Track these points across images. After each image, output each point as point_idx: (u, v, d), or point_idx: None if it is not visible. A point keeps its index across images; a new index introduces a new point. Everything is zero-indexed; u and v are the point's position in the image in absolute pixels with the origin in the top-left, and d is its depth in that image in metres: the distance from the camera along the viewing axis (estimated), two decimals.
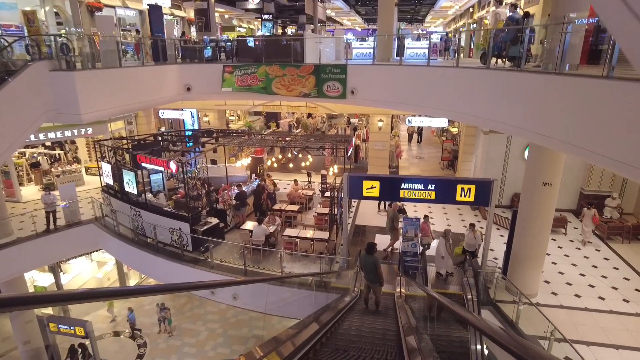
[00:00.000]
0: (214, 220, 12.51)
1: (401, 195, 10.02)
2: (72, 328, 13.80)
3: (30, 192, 17.37)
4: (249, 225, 12.50)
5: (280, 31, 30.59)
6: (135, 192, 12.85)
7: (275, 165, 18.61)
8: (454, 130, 24.83)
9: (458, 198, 9.92)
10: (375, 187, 10.07)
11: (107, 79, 10.90)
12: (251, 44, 15.55)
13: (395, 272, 11.01)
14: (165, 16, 21.37)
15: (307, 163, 18.05)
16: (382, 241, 13.04)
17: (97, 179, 15.48)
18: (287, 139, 14.63)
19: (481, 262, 10.57)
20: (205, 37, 15.88)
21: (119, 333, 16.93)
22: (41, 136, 16.16)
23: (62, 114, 10.05)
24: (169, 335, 16.66)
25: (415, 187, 9.87)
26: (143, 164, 12.87)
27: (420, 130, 27.99)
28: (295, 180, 15.63)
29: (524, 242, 10.03)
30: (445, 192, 9.98)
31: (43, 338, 14.71)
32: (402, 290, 9.85)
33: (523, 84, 7.86)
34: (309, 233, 12.26)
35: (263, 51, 14.84)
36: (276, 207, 14.10)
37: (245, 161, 17.66)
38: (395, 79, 12.07)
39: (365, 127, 24.37)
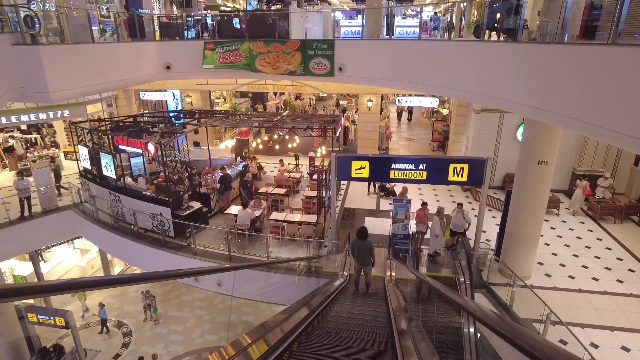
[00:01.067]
0: (196, 205, 12.01)
1: (391, 176, 9.58)
2: (52, 318, 13.31)
3: (5, 178, 16.59)
4: (234, 209, 12.01)
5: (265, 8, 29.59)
6: (113, 176, 12.24)
7: (260, 147, 18.03)
8: (445, 111, 24.43)
9: (450, 178, 9.53)
10: (364, 167, 9.61)
11: (78, 55, 10.15)
12: (234, 20, 14.78)
13: (386, 256, 10.68)
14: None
15: (294, 145, 17.51)
16: (371, 224, 12.71)
17: (76, 163, 14.78)
18: (274, 119, 14.04)
19: (474, 244, 10.27)
20: (189, 18, 15.04)
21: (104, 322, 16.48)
22: (13, 119, 15.35)
23: (28, 93, 9.33)
24: (155, 323, 16.27)
25: (406, 167, 9.44)
26: (121, 146, 12.23)
27: (410, 109, 27.65)
28: (281, 160, 15.09)
29: (518, 223, 9.73)
30: (437, 172, 9.58)
31: (23, 330, 14.20)
32: (393, 274, 9.56)
33: (520, 56, 7.41)
34: (297, 217, 11.83)
35: (246, 27, 14.13)
36: (262, 190, 13.61)
37: (230, 143, 17.04)
38: (386, 55, 11.54)
39: (355, 109, 23.79)
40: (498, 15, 9.03)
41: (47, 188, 13.12)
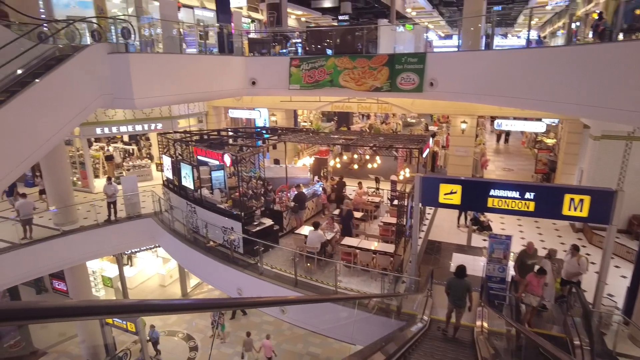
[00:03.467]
0: (268, 222, 11.41)
1: (489, 204, 7.97)
2: (124, 322, 13.61)
3: (103, 183, 17.84)
4: (306, 230, 11.19)
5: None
6: (191, 186, 12.25)
7: (338, 166, 17.16)
8: (550, 141, 21.60)
9: (565, 212, 7.65)
10: (455, 192, 8.15)
11: (163, 64, 10.37)
12: (322, 34, 14.50)
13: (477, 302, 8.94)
14: (242, 18, 21.28)
15: (375, 165, 16.37)
16: (461, 261, 10.91)
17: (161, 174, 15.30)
18: (355, 138, 13.18)
19: (593, 299, 8.11)
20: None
21: (174, 333, 16.55)
22: (114, 129, 16.52)
23: (117, 99, 9.66)
24: (222, 342, 15.90)
25: (509, 195, 7.79)
26: (199, 157, 12.26)
27: (507, 132, 27.15)
28: (359, 183, 14.05)
29: None
30: (548, 203, 7.77)
31: (101, 330, 14.75)
32: (484, 324, 7.86)
33: None
34: (373, 245, 10.60)
35: (334, 43, 13.74)
36: (337, 212, 12.66)
37: (308, 161, 16.48)
38: (486, 67, 10.14)
39: (446, 135, 22.02)
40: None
41: (131, 195, 13.59)
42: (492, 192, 7.90)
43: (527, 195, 7.71)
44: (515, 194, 7.74)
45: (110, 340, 15.07)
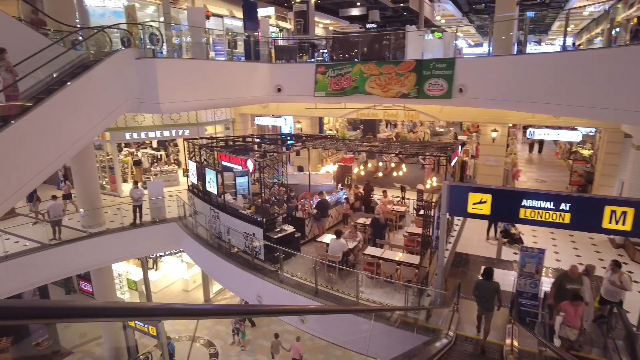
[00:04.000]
0: (289, 229, 11.25)
1: (521, 215, 7.50)
2: (146, 326, 13.65)
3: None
4: (327, 238, 10.95)
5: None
6: (215, 191, 12.27)
7: (362, 173, 16.87)
8: (586, 152, 20.63)
9: (605, 225, 7.10)
10: (485, 202, 7.73)
11: (189, 69, 10.47)
12: (348, 41, 14.38)
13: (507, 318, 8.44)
14: (270, 27, 21.52)
15: (400, 174, 15.98)
16: None
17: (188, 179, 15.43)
18: (380, 145, 12.91)
19: (638, 322, 7.48)
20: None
21: (195, 338, 16.55)
22: (142, 134, 16.87)
23: (143, 103, 9.79)
24: (242, 349, 15.76)
25: (542, 206, 7.32)
26: (223, 162, 12.27)
27: (541, 142, 26.73)
28: (384, 191, 13.72)
29: None
30: (585, 214, 7.24)
31: (124, 332, 14.89)
32: (515, 342, 7.39)
33: None
34: (397, 255, 10.24)
35: (360, 50, 13.59)
36: (360, 220, 12.36)
37: (331, 168, 16.26)
38: (519, 72, 9.73)
39: (476, 145, 21.36)
40: None
41: (157, 199, 13.75)
42: (524, 202, 7.44)
43: (563, 206, 7.21)
44: (550, 205, 7.26)
45: (133, 343, 15.21)
